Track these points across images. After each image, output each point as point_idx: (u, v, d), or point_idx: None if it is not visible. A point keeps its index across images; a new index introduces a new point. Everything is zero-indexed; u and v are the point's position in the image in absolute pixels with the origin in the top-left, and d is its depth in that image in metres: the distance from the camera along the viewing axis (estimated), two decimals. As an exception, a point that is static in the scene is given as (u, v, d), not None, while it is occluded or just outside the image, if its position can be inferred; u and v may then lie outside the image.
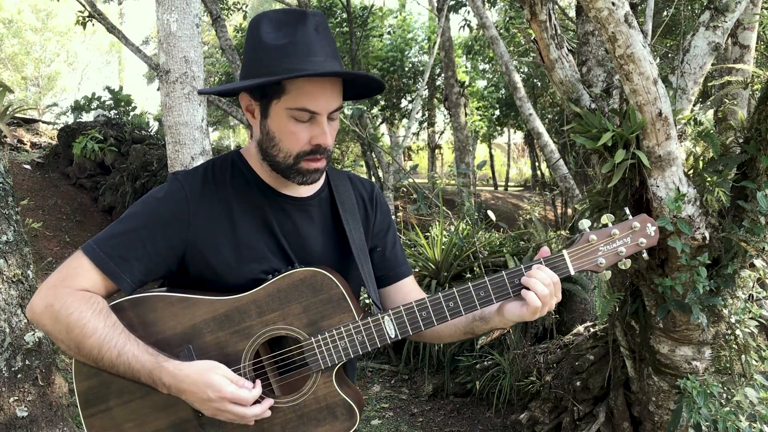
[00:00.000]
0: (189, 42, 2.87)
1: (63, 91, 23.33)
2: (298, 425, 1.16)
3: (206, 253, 1.17)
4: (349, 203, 1.30)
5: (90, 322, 1.09)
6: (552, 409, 3.79)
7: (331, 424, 1.16)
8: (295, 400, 1.17)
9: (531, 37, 2.62)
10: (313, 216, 1.26)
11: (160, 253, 1.15)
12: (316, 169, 1.18)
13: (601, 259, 1.19)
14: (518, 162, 22.46)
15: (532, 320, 1.24)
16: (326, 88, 1.14)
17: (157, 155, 8.64)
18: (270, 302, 1.15)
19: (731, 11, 2.57)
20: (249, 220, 1.20)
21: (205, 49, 16.17)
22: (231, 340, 1.15)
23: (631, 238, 1.21)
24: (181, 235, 1.16)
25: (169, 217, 1.16)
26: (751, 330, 2.52)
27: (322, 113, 1.14)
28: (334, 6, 11.21)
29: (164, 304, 1.16)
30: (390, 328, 1.16)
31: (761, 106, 2.37)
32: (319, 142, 1.15)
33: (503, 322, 1.21)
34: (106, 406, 1.18)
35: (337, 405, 1.17)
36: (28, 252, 3.35)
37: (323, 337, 1.16)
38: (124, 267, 1.13)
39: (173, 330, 1.15)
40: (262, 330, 1.15)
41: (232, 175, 1.23)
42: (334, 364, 1.17)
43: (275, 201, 1.22)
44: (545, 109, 12.50)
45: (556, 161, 5.20)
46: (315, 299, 1.15)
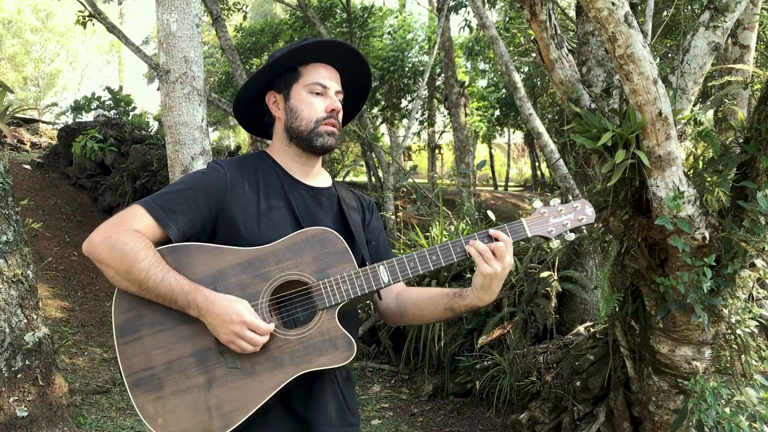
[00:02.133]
0: (189, 42, 2.87)
1: (63, 90, 23.34)
2: (304, 354, 1.34)
3: (237, 218, 1.41)
4: (351, 204, 1.56)
5: (141, 251, 1.32)
6: (552, 409, 3.79)
7: (333, 354, 1.34)
8: (303, 333, 1.36)
9: (531, 37, 2.62)
10: (323, 203, 1.52)
11: (201, 212, 1.40)
12: (332, 132, 1.48)
13: (551, 228, 1.43)
14: (518, 162, 22.45)
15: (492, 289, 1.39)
16: (331, 72, 1.51)
17: (157, 155, 8.64)
18: (286, 252, 1.38)
19: (731, 11, 2.57)
20: (273, 197, 1.46)
21: (205, 49, 16.18)
22: (252, 282, 1.36)
23: (574, 215, 1.46)
24: (219, 201, 1.41)
25: (211, 185, 1.42)
26: (751, 330, 2.52)
27: (330, 87, 1.49)
28: (334, 6, 11.21)
29: (198, 250, 1.38)
30: (384, 275, 1.38)
31: (761, 106, 2.37)
32: (332, 107, 1.48)
33: (475, 294, 1.39)
34: (138, 335, 1.36)
35: (338, 338, 1.35)
36: (28, 252, 3.35)
37: (329, 280, 1.37)
38: (171, 217, 1.38)
39: (204, 272, 1.37)
40: (278, 275, 1.38)
41: (260, 165, 1.51)
42: (337, 303, 1.37)
43: (293, 185, 1.50)
44: (545, 109, 12.49)
45: (556, 161, 5.20)
46: (323, 251, 1.38)
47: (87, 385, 4.64)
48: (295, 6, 9.98)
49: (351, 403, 1.52)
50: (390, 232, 7.56)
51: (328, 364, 1.34)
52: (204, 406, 1.33)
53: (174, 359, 1.35)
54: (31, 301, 3.26)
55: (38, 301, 3.34)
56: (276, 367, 1.34)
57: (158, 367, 1.35)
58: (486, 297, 1.38)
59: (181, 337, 1.36)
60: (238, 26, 12.52)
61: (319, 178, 1.57)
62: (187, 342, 1.36)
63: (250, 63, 12.36)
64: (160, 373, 1.35)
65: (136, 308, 1.37)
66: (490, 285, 1.35)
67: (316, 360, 1.35)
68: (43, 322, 3.34)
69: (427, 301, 1.48)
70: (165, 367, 1.35)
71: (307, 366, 1.34)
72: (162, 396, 1.34)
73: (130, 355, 1.36)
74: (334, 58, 1.52)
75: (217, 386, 1.34)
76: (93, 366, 5.18)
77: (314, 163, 1.55)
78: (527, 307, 4.67)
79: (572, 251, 4.82)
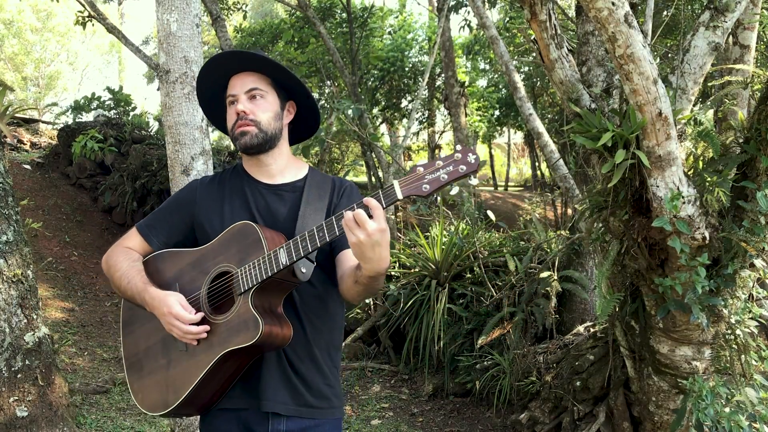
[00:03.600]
0: (189, 42, 2.87)
1: (63, 91, 23.33)
2: (227, 337, 1.50)
3: (205, 224, 1.64)
4: (316, 194, 1.65)
5: (121, 264, 1.65)
6: (552, 409, 3.79)
7: (244, 334, 1.46)
8: (227, 317, 1.52)
9: (531, 37, 2.62)
10: (284, 197, 1.66)
11: (177, 224, 1.69)
12: (244, 132, 1.61)
13: (425, 186, 1.37)
14: (518, 162, 22.44)
15: (366, 257, 1.37)
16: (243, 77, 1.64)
17: (157, 155, 8.63)
18: (219, 248, 1.58)
19: (731, 11, 2.57)
20: (235, 201, 1.65)
21: (205, 49, 16.17)
22: (197, 277, 1.60)
23: (453, 165, 1.38)
24: (191, 212, 1.68)
25: (183, 201, 1.70)
26: (751, 330, 2.52)
27: (238, 93, 1.62)
28: (334, 6, 11.20)
29: (168, 255, 1.67)
30: (282, 256, 1.46)
31: (761, 106, 2.37)
32: (237, 111, 1.60)
33: (360, 262, 1.40)
34: (132, 329, 1.70)
35: (249, 319, 1.46)
36: (28, 252, 3.35)
37: (244, 268, 1.51)
38: (153, 232, 1.69)
39: (170, 273, 1.64)
40: (213, 268, 1.58)
41: (231, 174, 1.73)
42: (250, 288, 1.48)
43: (255, 187, 1.67)
44: (545, 109, 12.49)
45: (556, 161, 5.20)
46: (245, 243, 1.53)
47: (87, 385, 4.64)
48: (295, 6, 9.98)
49: (316, 384, 1.59)
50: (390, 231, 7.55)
51: (240, 343, 1.47)
52: (164, 383, 1.59)
53: (150, 346, 1.64)
54: (31, 301, 3.26)
55: (38, 301, 3.34)
56: (208, 349, 1.52)
57: (140, 353, 1.66)
58: (368, 266, 1.37)
59: (155, 328, 1.62)
60: (238, 26, 12.51)
61: (287, 174, 1.69)
62: (157, 332, 1.61)
63: (250, 63, 12.33)
64: (141, 358, 1.65)
65: (131, 308, 1.70)
66: (362, 253, 1.34)
67: (233, 340, 1.48)
68: (43, 322, 3.34)
69: (347, 276, 1.53)
70: (144, 353, 1.65)
71: (227, 346, 1.49)
72: (141, 376, 1.64)
73: (126, 346, 1.70)
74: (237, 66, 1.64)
75: (172, 367, 1.58)
76: (93, 366, 5.18)
77: (266, 162, 1.67)
78: (527, 307, 4.67)
79: (572, 251, 4.82)
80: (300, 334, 1.57)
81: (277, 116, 1.65)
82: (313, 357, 1.60)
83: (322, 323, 1.61)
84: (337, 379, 1.66)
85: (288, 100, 1.70)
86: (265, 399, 1.55)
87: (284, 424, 1.56)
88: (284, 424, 1.56)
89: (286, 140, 1.71)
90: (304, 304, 1.59)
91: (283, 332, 1.50)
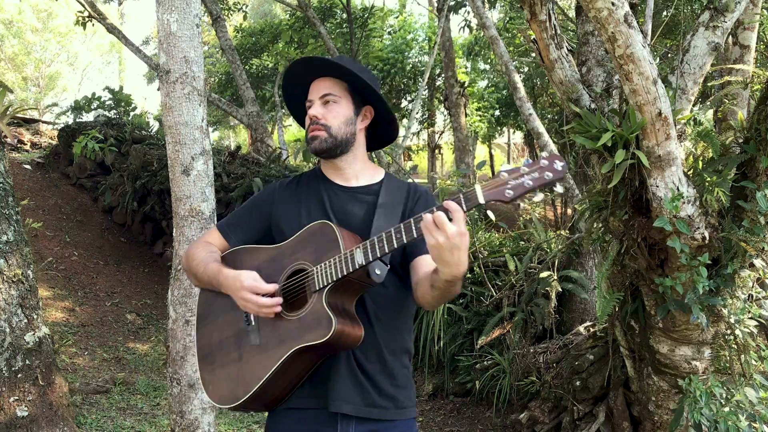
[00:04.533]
0: (189, 42, 2.87)
1: (63, 91, 23.33)
2: (300, 333, 1.52)
3: (282, 224, 1.69)
4: (391, 199, 1.69)
5: (198, 253, 1.73)
6: (552, 409, 3.79)
7: (316, 331, 1.48)
8: (299, 314, 1.54)
9: (531, 37, 2.62)
10: (359, 200, 1.69)
11: (255, 223, 1.75)
12: (314, 136, 1.67)
13: (509, 191, 1.35)
14: (518, 162, 22.45)
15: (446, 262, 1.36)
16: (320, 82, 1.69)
17: (157, 155, 8.63)
18: (296, 246, 1.62)
19: (731, 11, 2.57)
20: (312, 202, 1.70)
21: (205, 49, 16.16)
22: (274, 273, 1.63)
23: (539, 172, 1.34)
24: (269, 212, 1.74)
25: (261, 201, 1.77)
26: (750, 330, 2.52)
27: (314, 98, 1.68)
28: (334, 6, 11.21)
29: (245, 251, 1.73)
30: (359, 256, 1.48)
31: (761, 106, 2.37)
32: (309, 116, 1.67)
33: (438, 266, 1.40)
34: (205, 323, 1.75)
35: (322, 317, 1.49)
36: (28, 252, 3.35)
37: (320, 266, 1.53)
38: (232, 230, 1.76)
39: (247, 267, 1.65)
40: (289, 265, 1.61)
41: (309, 176, 1.79)
42: (324, 286, 1.51)
43: (331, 189, 1.71)
44: (545, 109, 12.48)
45: (556, 161, 5.18)
46: (321, 241, 1.56)
47: (87, 385, 4.65)
48: (295, 6, 9.98)
49: (384, 386, 1.60)
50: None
51: (313, 340, 1.49)
52: (235, 377, 1.62)
53: (223, 339, 1.69)
54: (32, 300, 3.26)
55: (38, 301, 3.34)
56: (280, 344, 1.55)
57: (213, 346, 1.71)
58: (446, 269, 1.36)
59: (228, 322, 1.68)
60: (238, 26, 12.51)
61: (363, 177, 1.73)
62: (231, 326, 1.67)
63: (249, 63, 12.36)
64: (214, 351, 1.70)
65: (206, 302, 1.77)
66: (441, 256, 1.33)
67: (305, 336, 1.50)
68: (43, 322, 3.34)
69: (423, 281, 1.53)
70: (217, 346, 1.70)
71: (299, 342, 1.51)
72: (213, 369, 1.69)
73: (199, 339, 1.76)
74: (316, 70, 1.69)
75: (244, 361, 1.61)
76: (93, 366, 5.19)
77: (341, 165, 1.71)
78: (527, 307, 4.67)
79: (572, 251, 4.82)
80: (370, 336, 1.58)
81: (349, 121, 1.68)
82: (382, 359, 1.61)
83: (392, 325, 1.63)
84: (408, 380, 1.66)
85: (365, 105, 1.72)
86: (333, 399, 1.55)
87: (353, 427, 1.56)
88: (353, 426, 1.56)
89: (362, 145, 1.74)
90: (376, 305, 1.60)
91: (354, 332, 1.51)
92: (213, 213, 2.85)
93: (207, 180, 2.87)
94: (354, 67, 1.67)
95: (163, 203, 8.51)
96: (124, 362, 5.45)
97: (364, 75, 1.68)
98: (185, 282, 2.83)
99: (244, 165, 8.56)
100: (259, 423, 4.39)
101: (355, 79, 1.68)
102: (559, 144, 7.44)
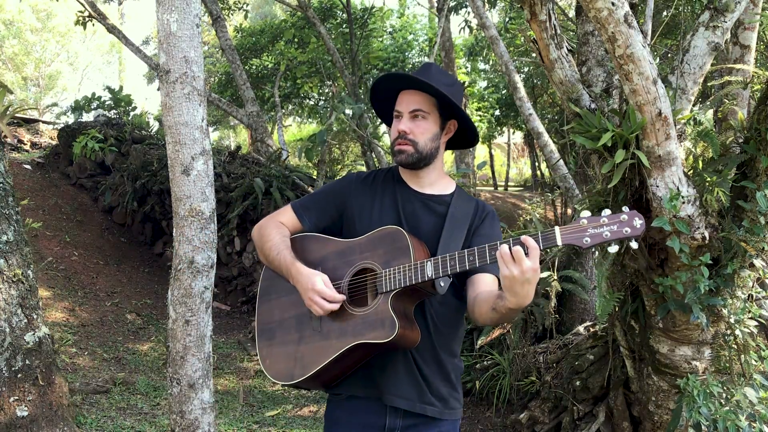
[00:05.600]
0: (189, 42, 2.87)
1: (63, 91, 23.32)
2: (362, 329, 1.61)
3: (354, 216, 1.77)
4: (460, 212, 1.75)
5: (273, 236, 1.79)
6: (552, 409, 3.79)
7: (379, 331, 1.57)
8: (365, 311, 1.64)
9: (531, 37, 2.62)
10: (430, 208, 1.76)
11: (329, 209, 1.81)
12: (401, 150, 1.73)
13: (586, 239, 1.41)
14: (518, 162, 22.43)
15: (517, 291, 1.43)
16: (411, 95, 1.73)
17: (157, 155, 8.63)
18: (367, 245, 1.69)
19: (731, 11, 2.57)
20: (385, 200, 1.77)
21: (205, 49, 16.17)
22: (341, 266, 1.71)
23: (618, 226, 1.40)
24: (343, 202, 1.80)
25: (338, 190, 1.83)
26: (750, 330, 2.52)
27: (403, 111, 1.73)
28: (334, 6, 11.20)
29: (314, 239, 1.81)
30: (429, 269, 1.55)
31: (761, 106, 2.37)
32: (398, 129, 1.72)
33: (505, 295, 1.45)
34: (268, 298, 1.84)
35: (387, 319, 1.57)
36: (28, 252, 3.35)
37: (389, 270, 1.62)
38: (306, 213, 1.82)
39: (315, 256, 1.78)
40: (358, 262, 1.69)
41: (386, 175, 1.85)
42: (392, 289, 1.60)
43: (406, 192, 1.78)
44: (545, 109, 12.48)
45: (556, 161, 5.20)
46: (393, 246, 1.64)
47: (87, 385, 4.65)
48: (295, 6, 9.98)
49: (437, 386, 1.69)
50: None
51: (374, 339, 1.58)
52: (293, 356, 1.73)
53: (284, 319, 1.78)
54: (32, 300, 3.26)
55: (38, 301, 3.34)
56: (342, 335, 1.65)
57: (274, 323, 1.80)
58: (513, 299, 1.43)
59: (291, 303, 1.77)
60: (238, 26, 12.51)
61: (436, 187, 1.80)
62: (294, 307, 1.76)
63: (249, 63, 12.36)
64: (274, 327, 1.80)
65: (270, 278, 1.85)
66: (512, 287, 1.40)
67: (367, 334, 1.60)
68: (43, 322, 3.34)
69: (484, 301, 1.58)
70: (277, 324, 1.79)
71: (360, 338, 1.61)
72: (271, 344, 1.79)
73: (261, 313, 1.85)
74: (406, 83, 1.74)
75: (304, 343, 1.72)
76: (93, 366, 5.18)
77: (418, 174, 1.78)
78: (527, 307, 4.67)
79: (572, 251, 4.82)
80: (427, 339, 1.67)
81: (435, 137, 1.74)
82: (437, 360, 1.70)
83: (447, 330, 1.71)
84: (458, 382, 1.76)
85: (450, 119, 1.78)
86: (388, 393, 1.66)
87: (401, 420, 1.67)
88: (401, 419, 1.67)
89: (442, 155, 1.82)
90: (434, 310, 1.69)
91: (413, 335, 1.61)
92: (213, 213, 2.85)
93: (207, 180, 2.87)
94: (442, 79, 1.72)
95: (163, 203, 8.51)
96: (124, 362, 5.45)
97: (452, 89, 1.72)
98: (185, 282, 2.83)
99: (244, 165, 8.56)
100: (259, 423, 4.39)
101: (443, 98, 1.71)
102: (559, 144, 7.44)
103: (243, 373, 5.67)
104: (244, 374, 5.66)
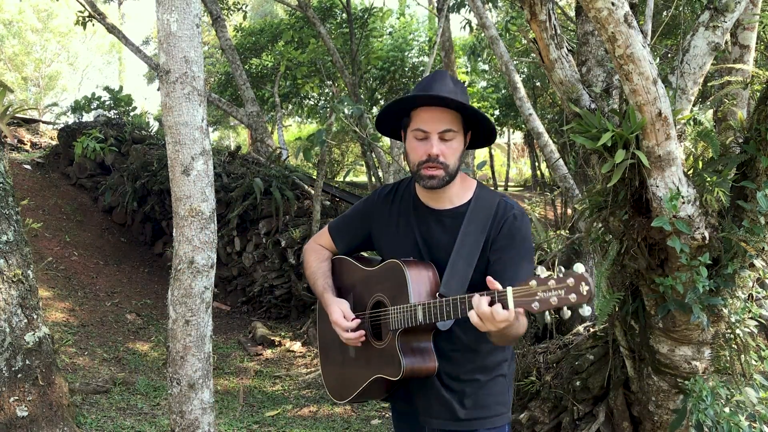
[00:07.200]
0: (189, 42, 2.87)
1: (63, 91, 23.31)
2: (378, 364, 1.70)
3: (379, 237, 1.83)
4: (475, 225, 1.68)
5: (310, 263, 1.92)
6: (552, 409, 3.79)
7: (390, 369, 1.65)
8: (381, 345, 1.72)
9: (531, 37, 2.62)
10: (445, 224, 1.72)
11: (358, 231, 1.88)
12: (432, 175, 1.63)
13: (536, 303, 1.41)
14: (518, 162, 22.43)
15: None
16: (436, 113, 1.62)
17: (157, 155, 8.63)
18: (379, 276, 1.77)
19: (731, 11, 2.57)
20: (402, 223, 1.78)
21: (205, 49, 16.17)
22: (365, 294, 1.81)
23: (564, 291, 1.38)
24: (369, 223, 1.85)
25: (363, 211, 1.87)
26: (750, 330, 2.52)
27: (431, 131, 1.62)
28: (334, 6, 11.20)
29: (348, 263, 1.90)
30: (420, 315, 1.58)
31: (761, 106, 2.37)
32: (429, 152, 1.61)
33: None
34: (324, 319, 1.91)
35: (394, 357, 1.64)
36: (28, 252, 3.35)
37: (394, 309, 1.66)
38: (339, 236, 1.91)
39: (348, 281, 1.88)
40: (374, 294, 1.77)
41: (404, 192, 1.82)
42: (396, 329, 1.64)
43: (421, 211, 1.76)
44: (545, 109, 12.48)
45: (555, 161, 5.20)
46: (395, 282, 1.68)
47: (87, 385, 4.65)
48: (295, 6, 9.98)
49: (473, 400, 1.70)
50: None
51: (387, 375, 1.66)
52: (339, 378, 1.88)
53: (333, 340, 1.86)
54: (32, 300, 3.26)
55: (38, 301, 3.34)
56: (367, 365, 1.76)
57: (328, 343, 1.93)
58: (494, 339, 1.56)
59: None
60: (238, 26, 12.50)
61: (454, 199, 1.73)
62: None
63: (249, 63, 12.36)
64: (328, 346, 1.94)
65: None
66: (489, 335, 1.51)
67: (382, 369, 1.69)
68: (43, 322, 3.34)
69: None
70: (330, 344, 1.92)
71: (378, 372, 1.70)
72: (327, 363, 1.95)
73: (320, 330, 1.99)
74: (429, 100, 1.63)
75: (345, 366, 1.85)
76: (93, 366, 5.18)
77: (437, 192, 1.70)
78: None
79: (572, 251, 4.82)
80: (459, 358, 1.70)
81: (462, 155, 1.69)
82: (473, 377, 1.72)
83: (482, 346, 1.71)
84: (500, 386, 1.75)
85: (469, 130, 1.71)
86: (422, 413, 1.74)
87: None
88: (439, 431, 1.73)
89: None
90: (463, 331, 1.69)
91: (427, 366, 1.65)
92: (213, 213, 2.85)
93: (207, 180, 2.87)
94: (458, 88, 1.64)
95: (163, 203, 8.50)
96: (124, 362, 5.45)
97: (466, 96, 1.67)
98: (185, 282, 2.83)
99: (244, 165, 8.56)
100: (259, 423, 4.39)
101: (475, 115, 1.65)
102: (559, 144, 7.44)
103: (243, 373, 5.67)
104: (244, 374, 5.66)
